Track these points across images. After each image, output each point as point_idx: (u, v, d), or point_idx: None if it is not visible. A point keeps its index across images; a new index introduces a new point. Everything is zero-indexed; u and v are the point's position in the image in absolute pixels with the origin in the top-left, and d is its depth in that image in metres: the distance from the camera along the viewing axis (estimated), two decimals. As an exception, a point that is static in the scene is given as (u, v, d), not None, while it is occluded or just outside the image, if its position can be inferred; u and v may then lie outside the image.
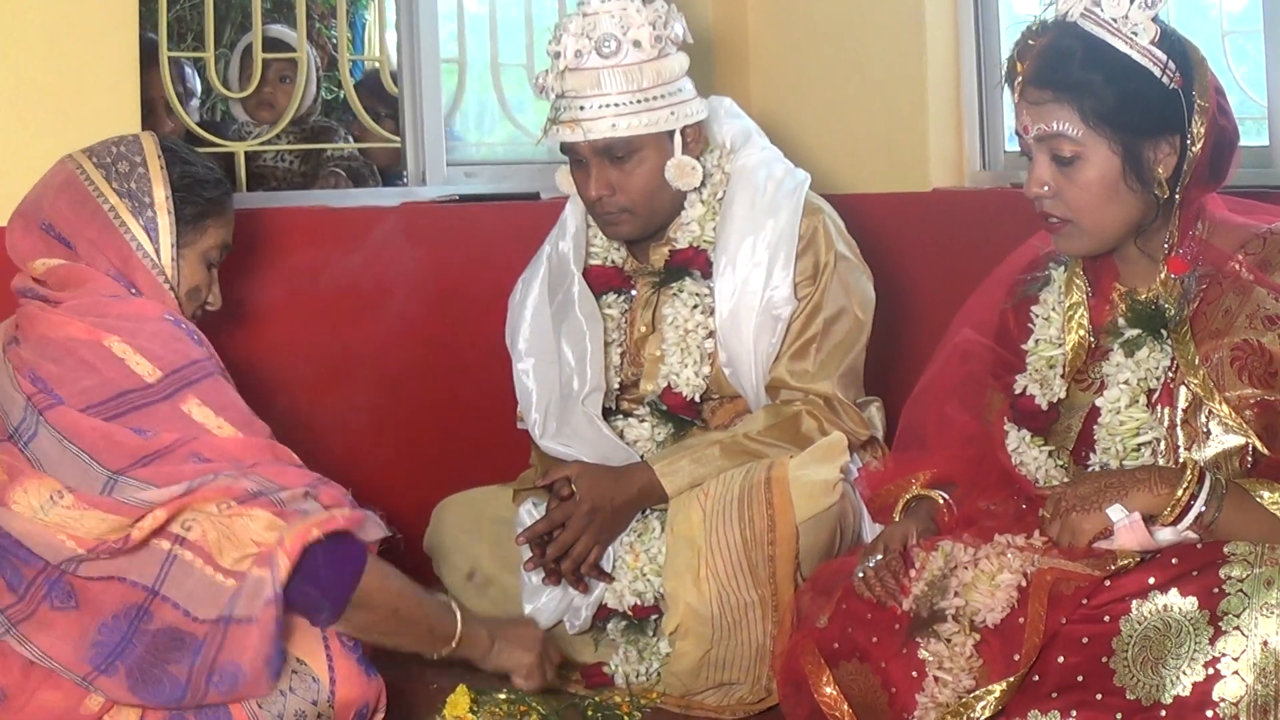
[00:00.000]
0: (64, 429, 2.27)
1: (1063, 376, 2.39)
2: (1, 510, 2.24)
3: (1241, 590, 2.00)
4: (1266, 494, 2.09)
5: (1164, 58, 2.22)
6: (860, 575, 2.31)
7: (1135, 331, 2.32)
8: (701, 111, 2.88)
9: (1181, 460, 2.21)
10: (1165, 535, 2.12)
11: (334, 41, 4.92)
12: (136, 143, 2.50)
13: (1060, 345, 2.41)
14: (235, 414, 2.37)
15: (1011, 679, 2.09)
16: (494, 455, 3.31)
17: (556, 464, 2.89)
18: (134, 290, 2.43)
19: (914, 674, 2.17)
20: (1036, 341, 2.44)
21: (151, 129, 2.89)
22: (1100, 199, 2.26)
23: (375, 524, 2.34)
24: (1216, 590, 2.01)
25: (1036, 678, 2.10)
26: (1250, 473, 2.18)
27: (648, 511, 2.87)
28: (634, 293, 3.01)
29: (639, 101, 2.77)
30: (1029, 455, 2.39)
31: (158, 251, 2.44)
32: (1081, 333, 2.39)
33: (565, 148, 2.85)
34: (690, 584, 2.72)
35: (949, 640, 2.16)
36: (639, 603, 2.86)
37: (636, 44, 2.77)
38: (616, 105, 2.76)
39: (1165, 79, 2.22)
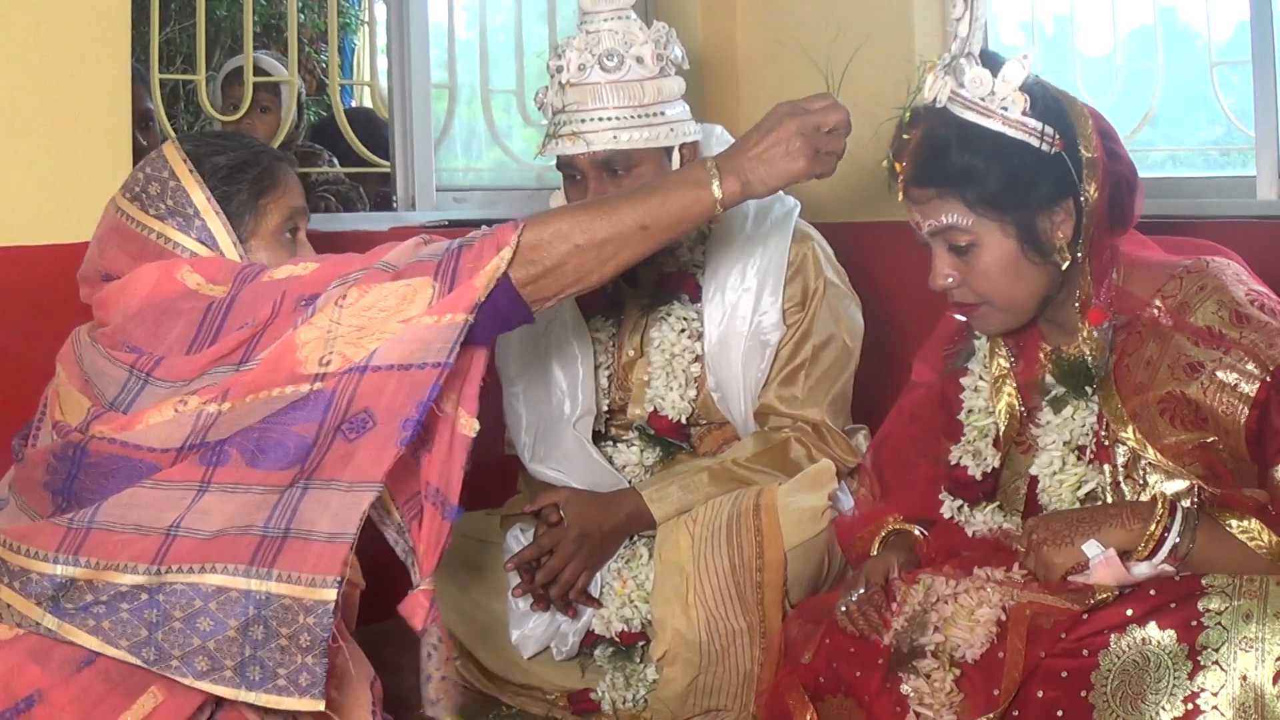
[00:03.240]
0: (176, 376, 2.18)
1: (995, 445, 2.41)
2: (132, 431, 2.16)
3: (1220, 623, 1.98)
4: (1235, 523, 2.08)
5: (1039, 125, 2.21)
6: (843, 609, 2.31)
7: (1061, 389, 2.32)
8: (698, 133, 2.89)
9: (1152, 494, 2.20)
10: (1142, 570, 2.11)
11: (323, 66, 4.93)
12: (160, 159, 2.39)
13: (991, 414, 2.42)
14: (313, 256, 2.30)
15: (992, 715, 2.08)
16: (482, 480, 3.29)
17: (545, 489, 2.89)
18: None
19: (898, 709, 2.16)
20: (968, 412, 2.46)
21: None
22: (1005, 280, 2.25)
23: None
24: (1195, 623, 2.00)
25: (1016, 713, 2.09)
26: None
27: (636, 538, 2.86)
28: (622, 316, 3.01)
29: (640, 116, 2.78)
30: (973, 518, 2.40)
31: (221, 255, 2.33)
32: (1011, 399, 2.40)
33: (563, 163, 2.85)
34: (678, 610, 2.71)
35: (929, 676, 2.15)
36: (626, 629, 2.86)
37: (639, 60, 2.79)
38: (617, 119, 2.77)
39: (1045, 146, 2.20)
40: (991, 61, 2.23)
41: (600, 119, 2.77)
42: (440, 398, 2.19)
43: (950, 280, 2.28)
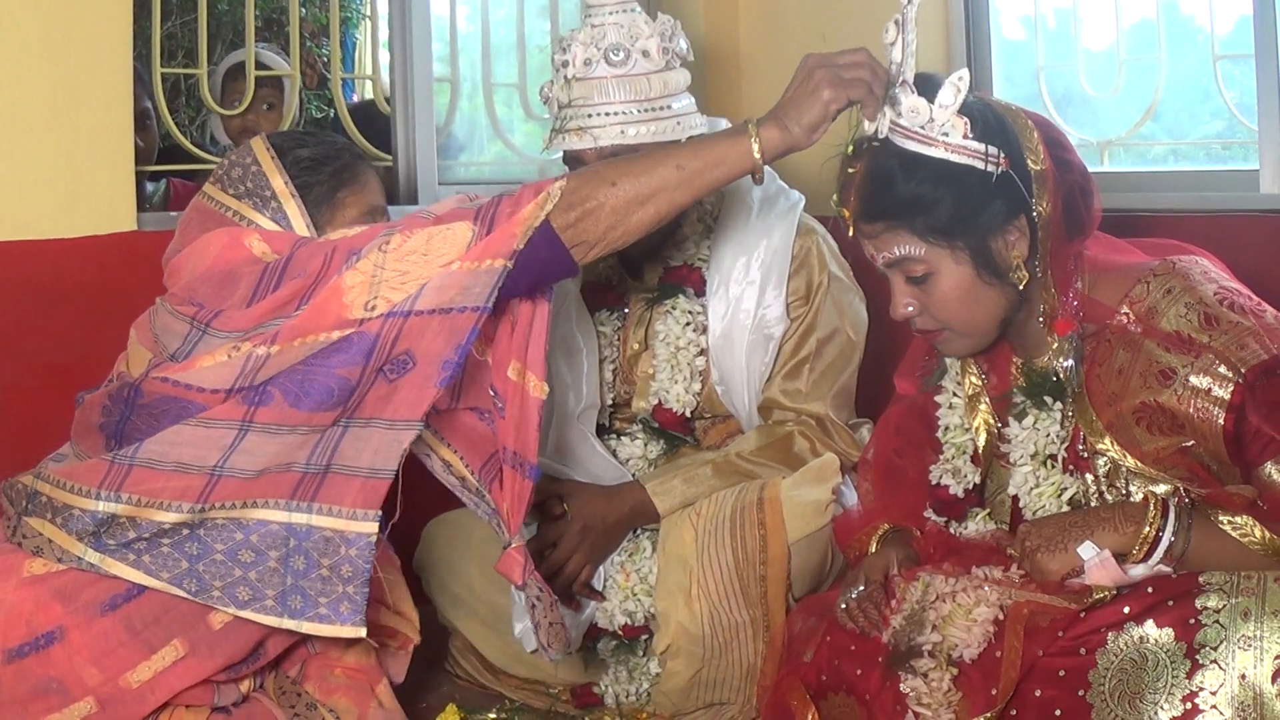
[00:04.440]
0: (234, 326, 2.24)
1: (974, 461, 2.41)
2: (186, 372, 2.21)
3: (1218, 622, 1.98)
4: (1227, 519, 2.07)
5: (982, 147, 2.18)
6: (843, 606, 2.31)
7: (1025, 400, 2.32)
8: (704, 125, 2.89)
9: (1143, 495, 2.19)
10: (1138, 571, 2.11)
11: (324, 60, 4.92)
12: (247, 149, 2.45)
13: (968, 431, 2.42)
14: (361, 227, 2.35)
15: (990, 714, 2.08)
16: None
17: (549, 482, 2.89)
18: None
19: (897, 707, 2.16)
20: (945, 429, 2.46)
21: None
22: (963, 305, 2.25)
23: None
24: (1193, 621, 2.00)
25: (1014, 712, 2.08)
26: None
27: (639, 531, 2.86)
28: (627, 310, 3.01)
29: (646, 110, 2.78)
30: (965, 528, 2.41)
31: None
32: (986, 415, 2.40)
33: (569, 158, 2.85)
34: (681, 604, 2.71)
35: (926, 676, 2.15)
36: (629, 622, 2.86)
37: (645, 54, 2.78)
38: (624, 113, 2.76)
39: (990, 167, 2.18)
40: (928, 86, 2.20)
41: (607, 114, 2.76)
42: (506, 361, 2.27)
43: (910, 309, 2.28)
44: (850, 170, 2.28)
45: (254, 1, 3.49)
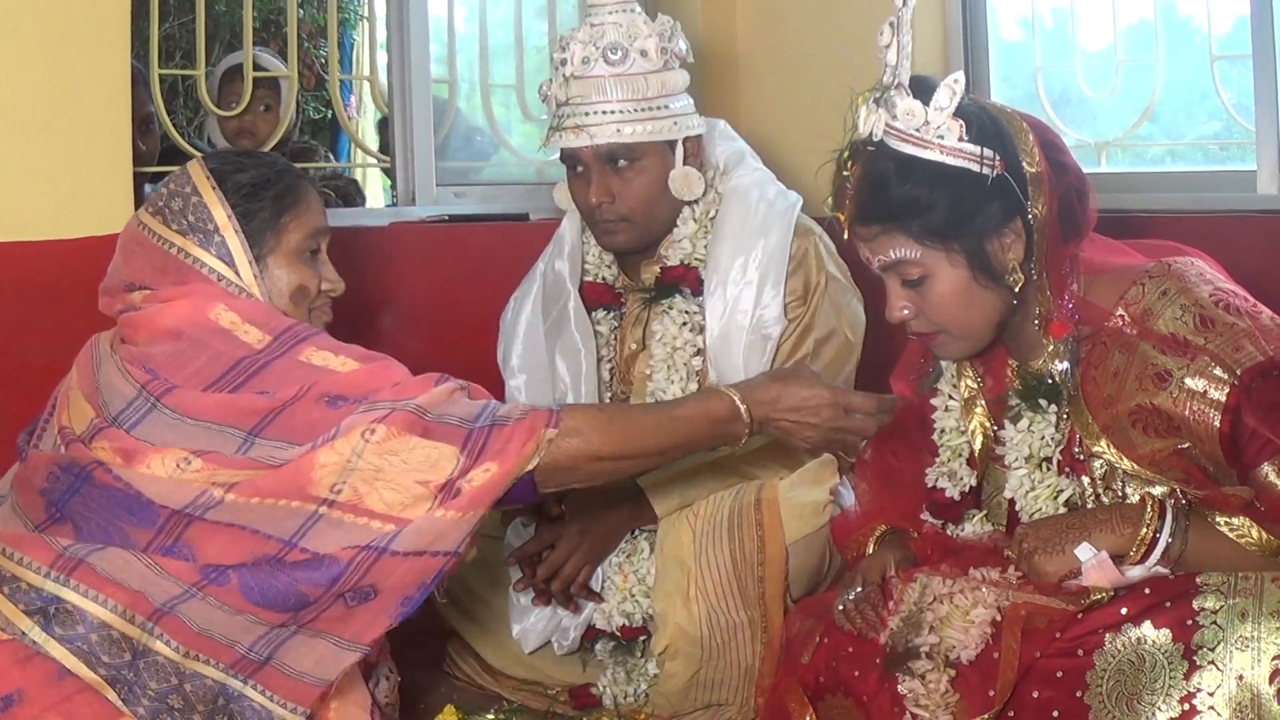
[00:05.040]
0: (185, 410, 2.21)
1: (970, 464, 2.41)
2: (134, 472, 2.17)
3: (1215, 622, 1.98)
4: (1224, 520, 2.07)
5: (977, 150, 2.18)
6: (840, 608, 2.31)
7: (1021, 403, 2.32)
8: (701, 126, 2.89)
9: (1140, 497, 2.19)
10: (1135, 573, 2.10)
11: (322, 61, 4.92)
12: (184, 174, 2.39)
13: (963, 434, 2.42)
14: (354, 352, 2.30)
15: (987, 715, 2.08)
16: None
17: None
18: None
19: (895, 709, 2.16)
20: (941, 432, 2.46)
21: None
22: (958, 308, 2.25)
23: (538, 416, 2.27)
24: (1190, 622, 2.00)
25: (1012, 713, 2.08)
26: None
27: (637, 532, 2.86)
28: (624, 309, 3.01)
29: (643, 110, 2.78)
30: (962, 530, 2.41)
31: (238, 273, 2.34)
32: (982, 418, 2.40)
33: (566, 156, 2.85)
34: (679, 604, 2.71)
35: (924, 677, 2.15)
36: (627, 623, 2.85)
37: (643, 53, 2.79)
38: (621, 112, 2.77)
39: (985, 169, 2.18)
40: (923, 89, 2.20)
41: (604, 112, 2.77)
42: None
43: (906, 312, 2.28)
44: (845, 174, 2.28)
45: (252, 3, 3.49)
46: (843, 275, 2.96)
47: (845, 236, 2.31)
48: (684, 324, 2.90)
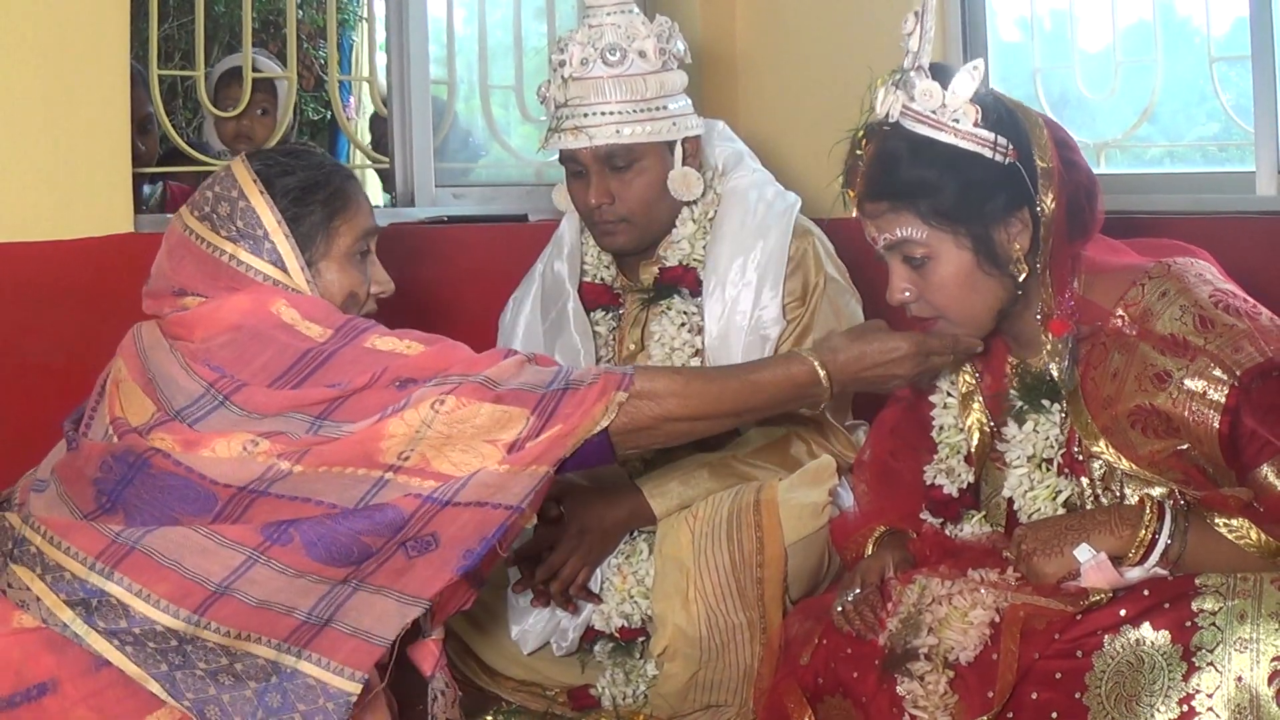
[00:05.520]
0: (255, 407, 2.19)
1: (968, 461, 2.41)
2: (195, 456, 2.16)
3: (1214, 624, 1.98)
4: (1223, 521, 2.07)
5: (991, 136, 2.19)
6: (839, 609, 2.31)
7: (1023, 404, 2.32)
8: (700, 127, 2.89)
9: (1139, 498, 2.19)
10: (1134, 574, 2.10)
11: (321, 62, 4.92)
12: (229, 177, 2.35)
13: (961, 431, 2.42)
14: (416, 335, 2.30)
15: (986, 717, 2.08)
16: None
17: (545, 484, 2.89)
18: None
19: (894, 710, 2.16)
20: (939, 429, 2.46)
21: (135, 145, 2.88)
22: (961, 292, 2.25)
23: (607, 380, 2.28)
24: (1189, 624, 2.00)
25: (1011, 714, 2.08)
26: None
27: (636, 533, 2.86)
28: (623, 310, 3.01)
29: (642, 111, 2.79)
30: (960, 531, 2.41)
31: (290, 277, 2.32)
32: (979, 415, 2.40)
33: (565, 157, 2.86)
34: (678, 606, 2.71)
35: (923, 679, 2.14)
36: (626, 624, 2.85)
37: (642, 54, 2.79)
38: (620, 113, 2.78)
39: (998, 157, 2.19)
40: (942, 74, 2.21)
41: (602, 113, 2.77)
42: None
43: (907, 294, 2.28)
44: (858, 152, 2.29)
45: (251, 4, 3.49)
46: (841, 276, 2.96)
47: (853, 214, 2.31)
48: (682, 325, 2.90)
